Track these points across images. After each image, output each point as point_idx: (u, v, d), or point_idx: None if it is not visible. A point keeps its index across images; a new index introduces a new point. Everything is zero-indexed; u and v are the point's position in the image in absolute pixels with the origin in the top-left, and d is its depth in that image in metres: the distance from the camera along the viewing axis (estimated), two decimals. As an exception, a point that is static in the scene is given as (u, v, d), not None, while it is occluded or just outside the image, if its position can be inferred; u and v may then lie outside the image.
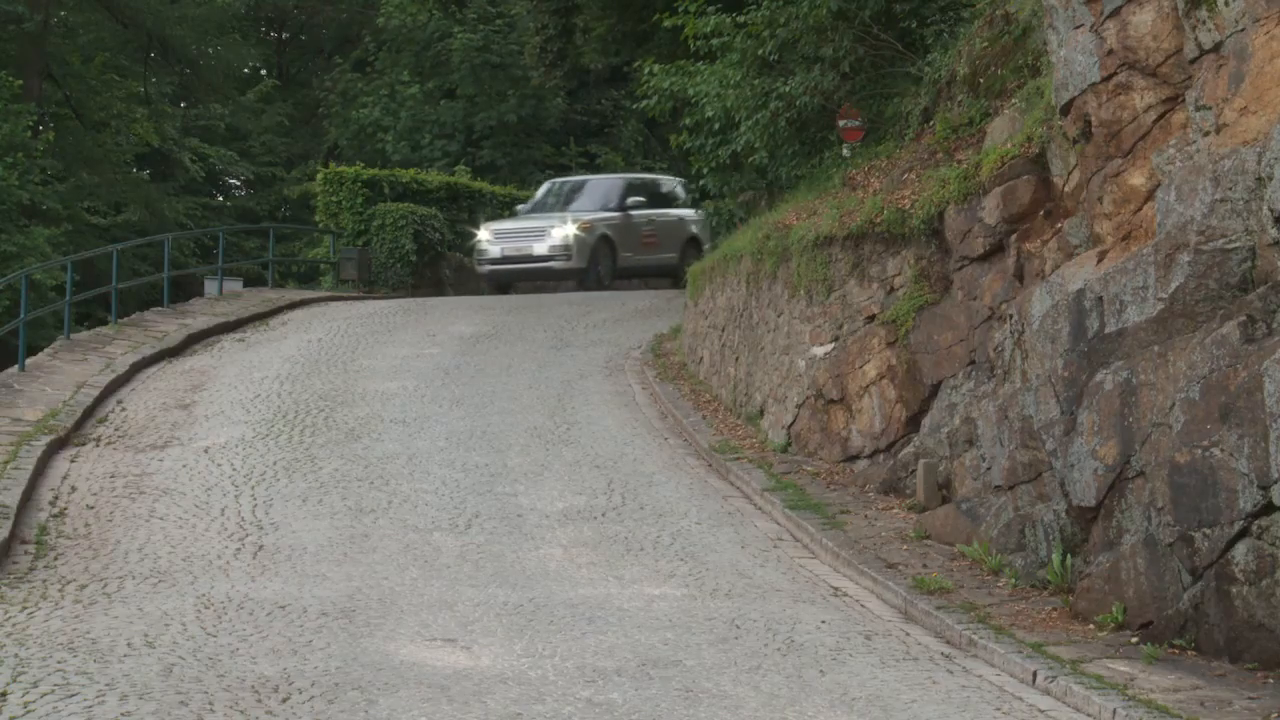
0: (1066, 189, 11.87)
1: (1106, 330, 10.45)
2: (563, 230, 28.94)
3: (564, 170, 42.32)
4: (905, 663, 9.52)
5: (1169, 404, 9.59)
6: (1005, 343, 12.05)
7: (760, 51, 18.44)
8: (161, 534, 12.20)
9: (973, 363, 12.90)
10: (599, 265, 29.55)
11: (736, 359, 18.31)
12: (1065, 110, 11.46)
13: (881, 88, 17.88)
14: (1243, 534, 8.93)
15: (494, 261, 29.27)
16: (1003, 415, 11.81)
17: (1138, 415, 9.93)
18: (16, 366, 18.87)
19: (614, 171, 42.45)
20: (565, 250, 28.87)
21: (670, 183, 32.08)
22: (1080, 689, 8.68)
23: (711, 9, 19.92)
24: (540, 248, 28.94)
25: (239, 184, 52.96)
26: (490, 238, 29.54)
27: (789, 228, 16.69)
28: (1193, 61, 10.20)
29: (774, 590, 11.24)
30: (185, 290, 31.92)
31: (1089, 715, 8.50)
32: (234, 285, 29.70)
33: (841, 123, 17.73)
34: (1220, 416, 9.11)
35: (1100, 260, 10.82)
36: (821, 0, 17.23)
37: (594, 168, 42.17)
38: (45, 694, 8.23)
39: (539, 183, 40.12)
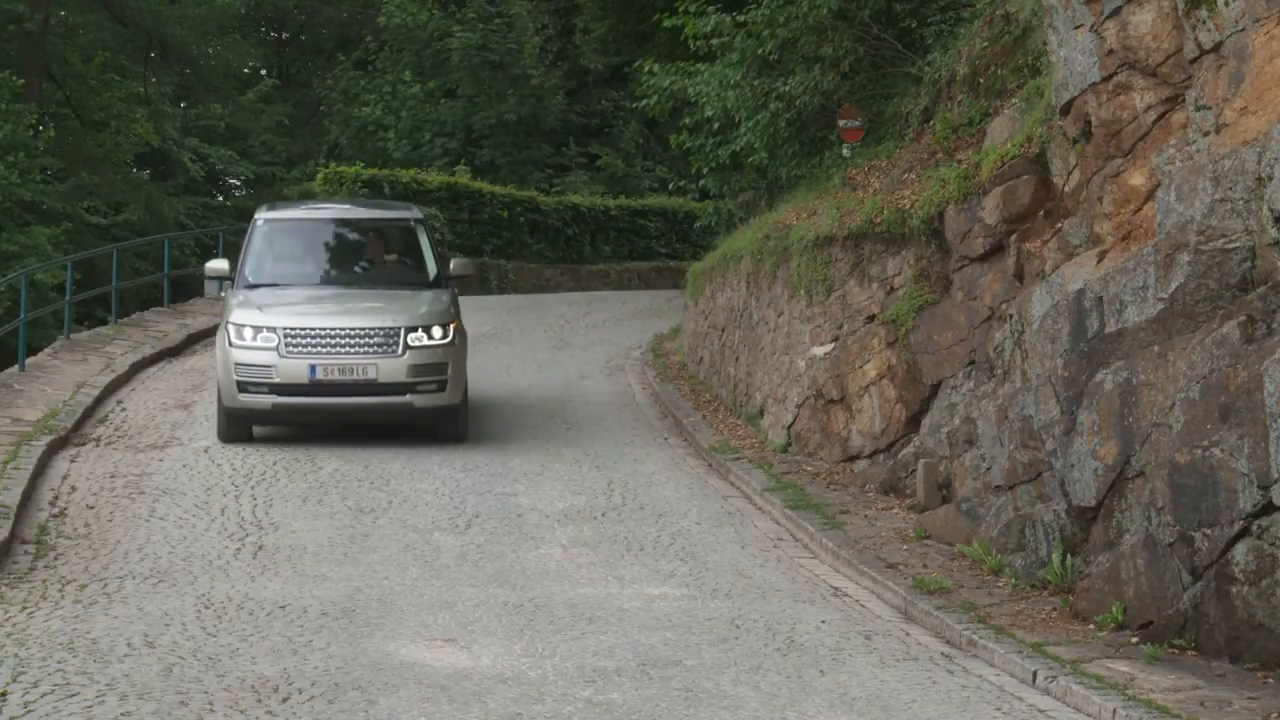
0: (1066, 189, 11.86)
1: (1106, 330, 10.45)
2: (428, 336, 15.64)
3: (564, 171, 42.17)
4: (905, 663, 9.52)
5: (1169, 404, 9.59)
6: (1005, 343, 12.05)
7: (760, 51, 18.45)
8: (161, 534, 12.20)
9: (973, 363, 12.90)
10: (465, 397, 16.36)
11: (736, 359, 18.31)
12: (1065, 110, 11.46)
13: (881, 88, 17.89)
14: (1243, 534, 8.93)
15: (286, 390, 15.38)
16: (1003, 415, 11.81)
17: (1138, 415, 9.93)
18: (16, 366, 18.87)
19: (613, 173, 42.30)
20: (437, 374, 15.60)
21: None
22: (1080, 689, 8.68)
23: (711, 9, 19.93)
24: (388, 370, 15.37)
25: (239, 184, 52.97)
26: (272, 339, 15.42)
27: (789, 228, 16.70)
28: (1193, 61, 10.19)
29: (774, 590, 11.25)
30: (185, 290, 31.90)
31: (1089, 715, 8.50)
32: (234, 285, 29.61)
33: (841, 123, 17.74)
34: (1220, 416, 9.11)
35: (1100, 260, 10.82)
36: (821, 0, 17.24)
37: (594, 168, 42.09)
38: (45, 694, 8.22)
39: (538, 183, 39.98)
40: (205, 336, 22.84)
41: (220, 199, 52.06)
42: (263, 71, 54.26)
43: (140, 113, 41.86)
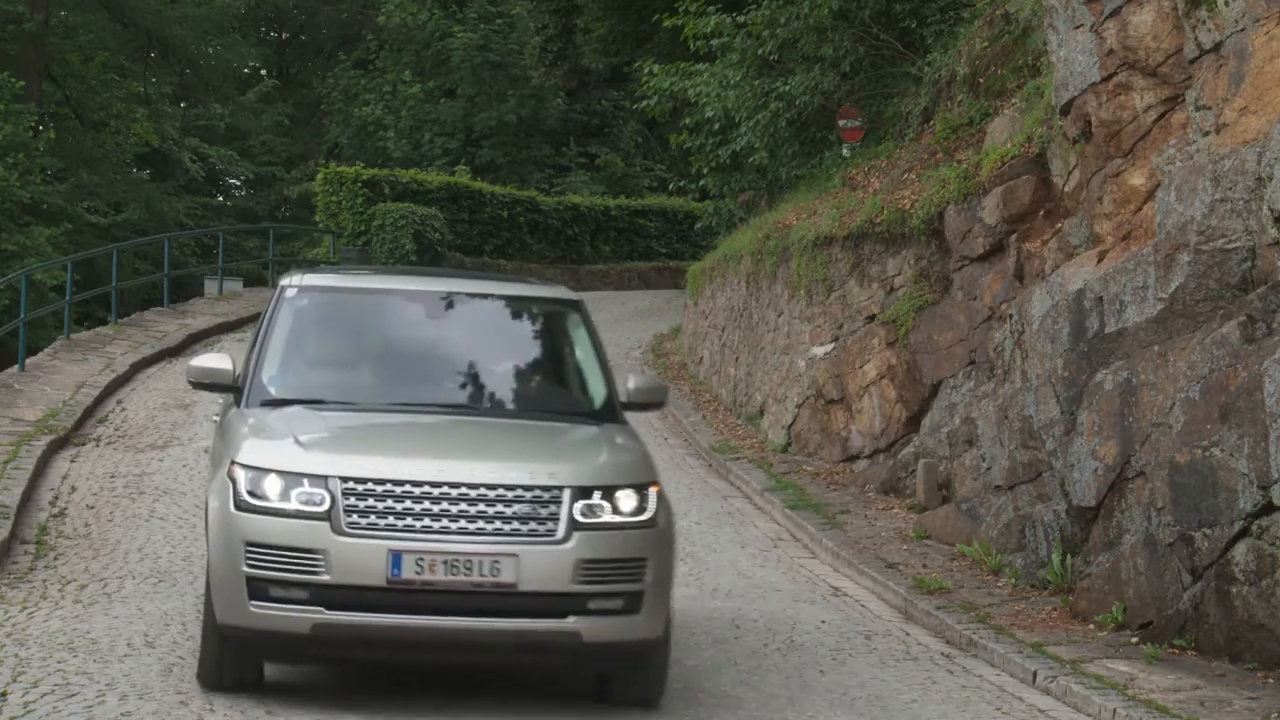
0: (1066, 189, 11.86)
1: (1106, 330, 10.45)
2: (611, 507, 7.92)
3: (564, 171, 42.14)
4: (905, 663, 9.52)
5: (1169, 404, 9.59)
6: (1005, 343, 12.05)
7: (760, 51, 18.47)
8: (161, 534, 12.19)
9: (973, 363, 12.90)
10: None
11: (736, 359, 18.31)
12: (1065, 110, 11.46)
13: (881, 88, 17.91)
14: (1243, 534, 8.93)
15: (345, 600, 7.64)
16: (1003, 415, 11.81)
17: (1138, 415, 9.93)
18: (16, 366, 18.86)
19: (613, 173, 42.25)
20: (628, 578, 7.86)
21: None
22: (1080, 689, 8.68)
23: (711, 9, 19.94)
24: (536, 567, 7.71)
25: (239, 184, 52.99)
26: (321, 499, 7.72)
27: (789, 228, 16.70)
28: (1193, 61, 10.19)
29: (774, 590, 11.24)
30: (185, 290, 31.90)
31: (1089, 715, 8.50)
32: (234, 285, 29.72)
33: (841, 123, 17.76)
34: (1220, 416, 9.10)
35: (1100, 260, 10.82)
36: (822, 0, 17.25)
37: (594, 168, 42.07)
38: (45, 694, 8.21)
39: (538, 183, 39.96)
40: (205, 336, 22.83)
41: (220, 199, 52.08)
42: (263, 71, 54.26)
43: (140, 113, 41.86)
